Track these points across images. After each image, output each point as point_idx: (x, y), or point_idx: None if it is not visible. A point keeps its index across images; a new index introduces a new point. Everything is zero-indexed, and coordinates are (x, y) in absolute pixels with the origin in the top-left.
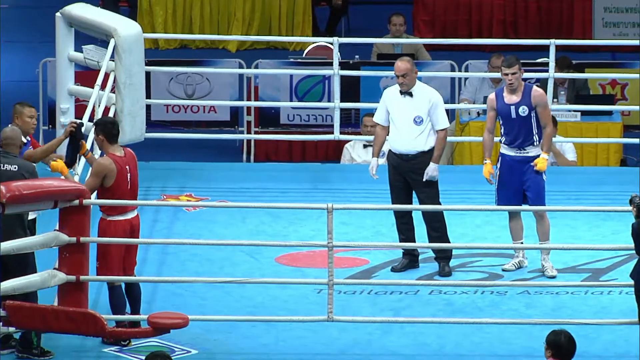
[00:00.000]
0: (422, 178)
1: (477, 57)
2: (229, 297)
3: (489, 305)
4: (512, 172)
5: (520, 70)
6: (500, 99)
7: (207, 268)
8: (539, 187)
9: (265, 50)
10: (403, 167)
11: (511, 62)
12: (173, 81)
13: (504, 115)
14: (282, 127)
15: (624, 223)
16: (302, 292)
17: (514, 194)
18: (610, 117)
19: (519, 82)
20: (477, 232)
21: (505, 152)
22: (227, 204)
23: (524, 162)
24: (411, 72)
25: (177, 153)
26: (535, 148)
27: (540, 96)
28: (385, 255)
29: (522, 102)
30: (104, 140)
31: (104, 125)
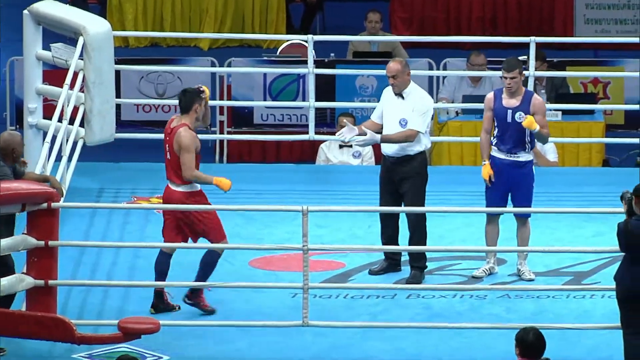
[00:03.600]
0: (409, 184)
1: (455, 54)
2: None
3: (469, 309)
4: (501, 175)
5: (520, 75)
6: (499, 101)
7: (178, 272)
8: (527, 194)
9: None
10: (391, 170)
11: (511, 65)
12: (144, 80)
13: (500, 118)
14: (255, 127)
15: (606, 225)
16: (276, 296)
17: (501, 197)
18: (592, 117)
19: (518, 86)
20: (456, 234)
21: (495, 154)
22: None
23: (514, 166)
24: (402, 73)
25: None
26: (527, 154)
27: (540, 104)
28: (361, 258)
29: (520, 107)
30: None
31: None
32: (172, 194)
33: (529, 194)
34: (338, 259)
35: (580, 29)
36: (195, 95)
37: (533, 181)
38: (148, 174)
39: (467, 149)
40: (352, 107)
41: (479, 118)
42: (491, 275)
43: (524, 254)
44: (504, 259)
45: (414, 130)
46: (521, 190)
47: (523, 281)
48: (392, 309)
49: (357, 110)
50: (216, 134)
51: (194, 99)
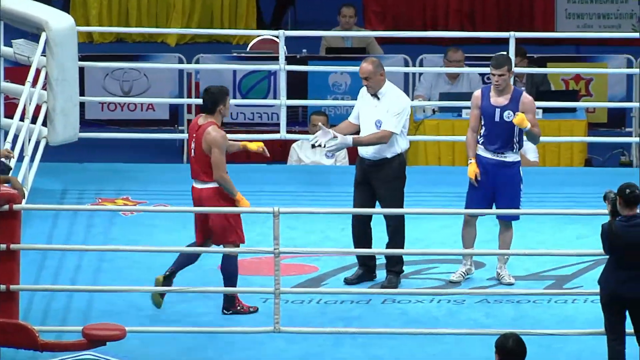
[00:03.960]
0: (386, 188)
1: (432, 50)
2: (169, 307)
3: (446, 314)
4: (486, 175)
5: (509, 72)
6: (486, 99)
7: (146, 276)
8: (514, 196)
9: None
10: (368, 173)
11: (500, 62)
12: (108, 77)
13: (487, 117)
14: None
15: (589, 227)
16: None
17: (483, 199)
18: (574, 115)
19: (506, 83)
20: (433, 236)
21: (481, 153)
22: (167, 208)
23: (500, 166)
24: (375, 74)
25: (113, 154)
26: (514, 154)
27: (530, 103)
28: (335, 262)
29: (509, 106)
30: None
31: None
32: (202, 192)
33: (516, 196)
34: (311, 262)
35: (561, 24)
36: (219, 94)
37: (521, 183)
38: (113, 175)
39: (444, 148)
40: (325, 105)
41: (457, 116)
42: (470, 280)
43: (505, 258)
44: (483, 262)
45: (387, 132)
46: (507, 192)
47: (503, 285)
48: (366, 314)
49: (330, 109)
50: (184, 133)
51: (218, 99)
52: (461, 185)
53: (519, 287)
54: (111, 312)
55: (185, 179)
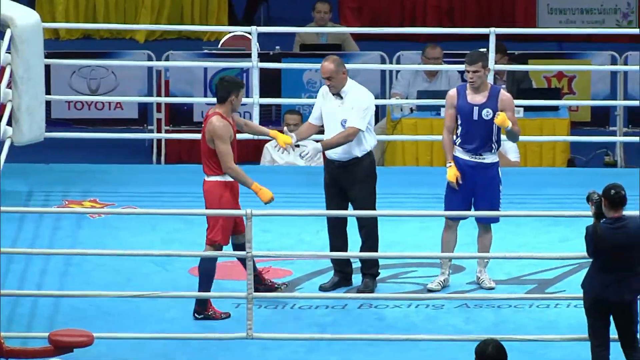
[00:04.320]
0: (358, 189)
1: (409, 47)
2: (138, 312)
3: (424, 320)
4: (464, 178)
5: (484, 69)
6: (463, 97)
7: (114, 280)
8: (493, 197)
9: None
10: (337, 175)
11: (473, 58)
12: (75, 75)
13: (465, 116)
14: (195, 125)
15: (572, 229)
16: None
17: (463, 202)
18: (556, 113)
19: (482, 80)
20: (411, 239)
21: (458, 155)
22: (136, 210)
23: (478, 168)
24: (337, 73)
25: (80, 154)
26: (492, 155)
27: (509, 101)
28: (309, 265)
29: (487, 104)
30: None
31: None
32: (204, 185)
33: (495, 199)
34: (284, 266)
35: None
36: (233, 84)
37: (500, 185)
38: (80, 176)
39: (422, 148)
40: (299, 103)
41: (435, 115)
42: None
43: (484, 262)
44: (463, 266)
45: (353, 128)
46: (486, 194)
47: (483, 290)
48: (342, 320)
49: (304, 107)
50: (153, 133)
51: (230, 89)
52: (440, 186)
53: (499, 291)
54: (78, 317)
55: (155, 180)
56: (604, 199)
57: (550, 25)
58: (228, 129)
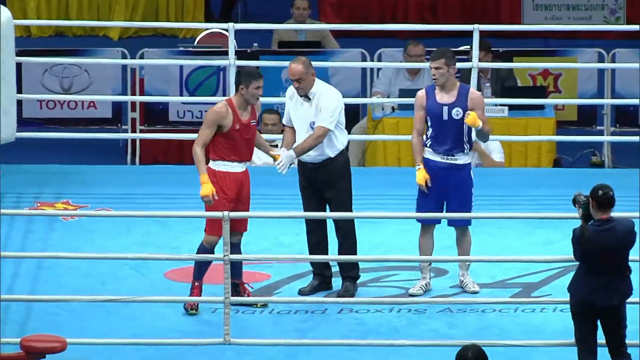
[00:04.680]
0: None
1: (391, 44)
2: (112, 317)
3: (407, 324)
4: (436, 180)
5: (446, 66)
6: (432, 97)
7: (87, 284)
8: (465, 201)
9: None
10: (312, 177)
11: (436, 54)
12: (47, 73)
13: (434, 116)
14: (171, 125)
15: (558, 231)
16: None
17: (435, 206)
18: (541, 112)
19: (445, 79)
20: (392, 242)
21: (429, 156)
22: (110, 213)
23: (451, 169)
24: (307, 74)
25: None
26: (465, 156)
27: (479, 99)
28: (288, 269)
29: (457, 103)
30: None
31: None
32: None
33: (468, 200)
34: (262, 270)
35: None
36: (243, 75)
37: (472, 187)
38: (53, 177)
39: (404, 148)
40: (277, 102)
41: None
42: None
43: (466, 264)
44: (446, 269)
45: (322, 129)
46: (458, 196)
47: (466, 294)
48: (322, 325)
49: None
50: (128, 133)
51: (241, 79)
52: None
53: (483, 295)
54: (51, 322)
55: (129, 181)
56: (591, 200)
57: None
58: (216, 114)
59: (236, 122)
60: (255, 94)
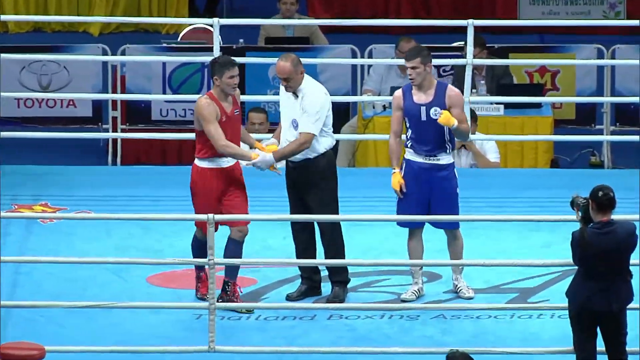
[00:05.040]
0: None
1: (382, 40)
2: (93, 324)
3: (399, 331)
4: (419, 182)
5: (422, 65)
6: (409, 98)
7: (66, 290)
8: (451, 201)
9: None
10: (294, 177)
11: (411, 54)
12: (25, 71)
13: (412, 117)
14: (154, 124)
15: (556, 234)
16: (178, 317)
17: (419, 208)
18: (538, 111)
19: (422, 78)
20: (384, 245)
21: (411, 157)
22: (90, 215)
23: (434, 170)
24: (296, 73)
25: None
26: (447, 156)
27: (457, 97)
28: (275, 273)
29: (434, 102)
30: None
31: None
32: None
33: (454, 200)
34: (249, 274)
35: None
36: (214, 65)
37: (457, 186)
38: (31, 178)
39: None
40: (264, 101)
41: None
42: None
43: (459, 268)
44: (439, 274)
45: (307, 135)
46: (443, 197)
47: (461, 299)
48: (311, 331)
49: (270, 104)
50: (108, 132)
51: (214, 70)
52: None
53: (478, 301)
54: (29, 329)
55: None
56: (591, 202)
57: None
58: (210, 106)
59: (222, 115)
60: (230, 83)
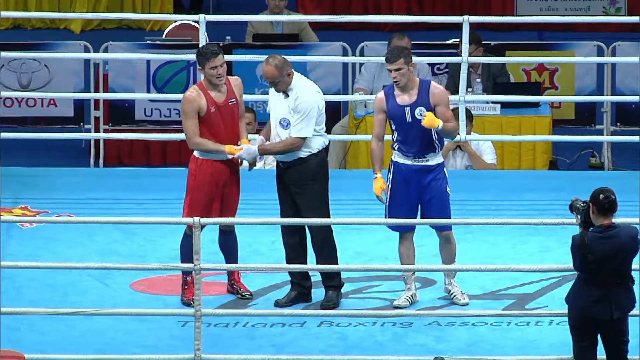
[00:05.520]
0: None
1: (374, 37)
2: (74, 332)
3: (391, 339)
4: (408, 185)
5: (406, 65)
6: (392, 100)
7: (47, 296)
8: (442, 202)
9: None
10: (284, 177)
11: (392, 56)
12: (4, 69)
13: (397, 119)
14: (137, 124)
15: (554, 238)
16: (163, 324)
17: (410, 211)
18: (536, 110)
19: (407, 79)
20: (376, 250)
21: (399, 160)
22: (72, 219)
23: (423, 172)
24: (281, 76)
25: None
26: (437, 156)
27: (441, 94)
28: (264, 279)
29: (418, 102)
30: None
31: None
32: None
33: (446, 201)
34: None
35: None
36: (198, 57)
37: (447, 185)
38: (10, 181)
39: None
40: (252, 99)
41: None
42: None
43: (451, 272)
44: (433, 279)
45: (297, 140)
46: (434, 199)
47: (456, 306)
48: (300, 339)
49: (258, 104)
50: (91, 133)
51: (198, 60)
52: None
53: (474, 307)
54: (9, 337)
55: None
56: (592, 205)
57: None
58: (191, 102)
59: (210, 104)
60: (213, 74)
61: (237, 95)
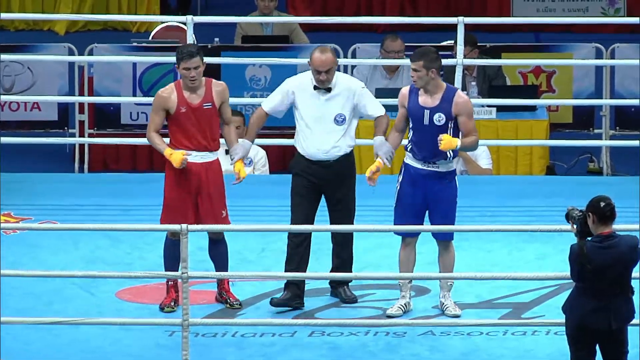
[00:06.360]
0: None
1: (366, 39)
2: (59, 341)
3: (384, 349)
4: (416, 188)
5: (425, 69)
6: (414, 98)
7: (30, 305)
8: (447, 212)
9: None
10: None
11: (415, 55)
12: None
13: (416, 119)
14: (123, 128)
15: (551, 245)
16: (150, 334)
17: (416, 216)
18: (533, 114)
19: (424, 82)
20: (368, 257)
21: (410, 162)
22: (56, 226)
23: (432, 177)
24: (336, 64)
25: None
26: (448, 164)
27: (465, 104)
28: (254, 288)
29: (439, 107)
30: None
31: None
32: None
33: (451, 212)
34: None
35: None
36: (176, 55)
37: (456, 197)
38: None
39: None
40: (241, 103)
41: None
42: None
43: (448, 285)
44: (428, 287)
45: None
46: (440, 207)
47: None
48: (291, 349)
49: (247, 107)
50: (75, 137)
51: (176, 58)
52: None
53: (469, 316)
54: None
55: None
56: (592, 215)
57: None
58: (160, 97)
59: (181, 104)
60: (185, 75)
61: (215, 100)
